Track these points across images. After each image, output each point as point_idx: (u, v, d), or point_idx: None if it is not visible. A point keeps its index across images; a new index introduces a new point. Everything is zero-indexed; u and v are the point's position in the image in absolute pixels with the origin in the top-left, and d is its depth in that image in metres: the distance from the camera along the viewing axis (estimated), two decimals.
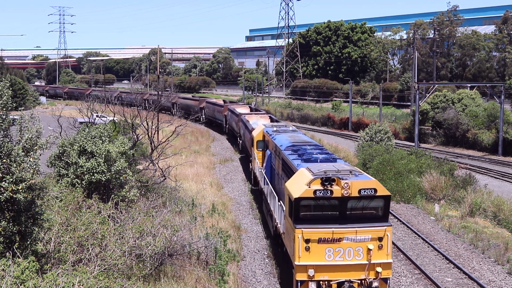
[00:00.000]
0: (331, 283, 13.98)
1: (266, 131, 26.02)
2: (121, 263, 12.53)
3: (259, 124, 36.45)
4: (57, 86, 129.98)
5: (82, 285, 10.07)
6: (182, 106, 68.23)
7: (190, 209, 22.18)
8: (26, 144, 11.06)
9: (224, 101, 66.18)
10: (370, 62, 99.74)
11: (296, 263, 13.99)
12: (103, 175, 16.70)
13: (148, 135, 25.57)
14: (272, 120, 42.03)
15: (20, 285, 9.60)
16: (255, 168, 28.38)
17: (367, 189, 14.04)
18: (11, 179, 10.35)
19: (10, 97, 11.20)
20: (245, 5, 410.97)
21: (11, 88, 11.77)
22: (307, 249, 13.93)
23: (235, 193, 29.19)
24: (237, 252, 18.98)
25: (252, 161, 30.50)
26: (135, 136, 24.01)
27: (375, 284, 14.00)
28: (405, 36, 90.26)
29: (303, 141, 21.33)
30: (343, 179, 14.05)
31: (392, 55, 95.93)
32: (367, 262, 13.97)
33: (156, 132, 26.77)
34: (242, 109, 51.51)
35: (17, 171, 10.46)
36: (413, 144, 49.23)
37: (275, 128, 26.07)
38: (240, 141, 42.18)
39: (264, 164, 24.70)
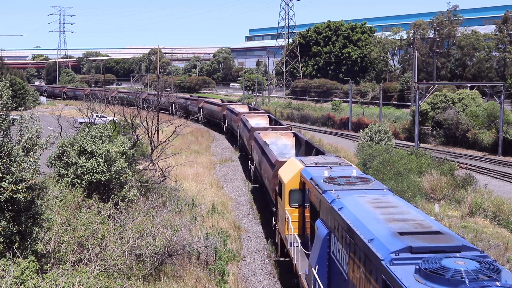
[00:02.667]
0: None
1: (311, 179, 14.24)
2: (121, 263, 12.52)
3: (279, 144, 27.91)
4: (76, 88, 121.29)
5: (82, 285, 10.07)
6: (207, 112, 61.29)
7: (190, 209, 22.18)
8: (26, 144, 11.05)
9: (250, 108, 53.89)
10: (370, 62, 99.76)
11: None
12: (103, 175, 16.70)
13: (148, 135, 25.57)
14: (297, 139, 28.89)
15: (20, 285, 9.59)
16: (288, 238, 15.97)
17: None
18: (11, 179, 10.34)
19: (10, 97, 11.20)
20: (245, 5, 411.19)
21: (11, 88, 11.76)
22: None
23: (235, 193, 29.18)
24: (237, 252, 18.98)
25: (278, 218, 18.33)
26: (135, 136, 24.01)
27: None
28: (405, 36, 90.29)
29: (417, 224, 9.43)
30: None
31: (392, 55, 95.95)
32: None
33: (156, 132, 26.77)
34: (256, 120, 39.69)
35: (17, 171, 10.45)
36: (413, 144, 49.21)
37: (326, 173, 14.24)
38: (252, 167, 29.78)
39: (316, 254, 12.09)
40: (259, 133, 29.40)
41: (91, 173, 16.70)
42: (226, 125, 52.63)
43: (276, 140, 28.58)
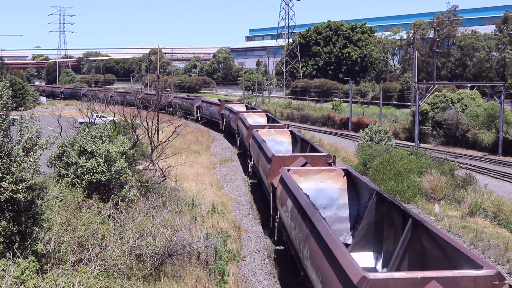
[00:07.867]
0: None
1: None
2: (121, 263, 12.51)
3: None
4: (127, 92, 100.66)
5: (82, 285, 10.06)
6: (239, 128, 42.71)
7: (190, 209, 22.17)
8: (26, 144, 11.05)
9: (288, 126, 35.45)
10: (370, 62, 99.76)
11: None
12: (103, 175, 16.69)
13: (148, 135, 25.57)
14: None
15: (20, 285, 9.59)
16: None
17: None
18: (11, 179, 10.33)
19: (10, 97, 11.19)
20: (245, 5, 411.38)
21: (11, 88, 11.75)
22: None
23: (235, 193, 29.18)
24: (237, 252, 18.98)
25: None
26: (135, 136, 24.01)
27: None
28: (405, 36, 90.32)
29: None
30: None
31: (392, 55, 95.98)
32: None
33: (156, 132, 26.76)
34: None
35: (17, 171, 10.45)
36: (413, 144, 49.21)
37: None
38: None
39: None
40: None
41: (91, 173, 16.69)
42: (249, 156, 33.47)
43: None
